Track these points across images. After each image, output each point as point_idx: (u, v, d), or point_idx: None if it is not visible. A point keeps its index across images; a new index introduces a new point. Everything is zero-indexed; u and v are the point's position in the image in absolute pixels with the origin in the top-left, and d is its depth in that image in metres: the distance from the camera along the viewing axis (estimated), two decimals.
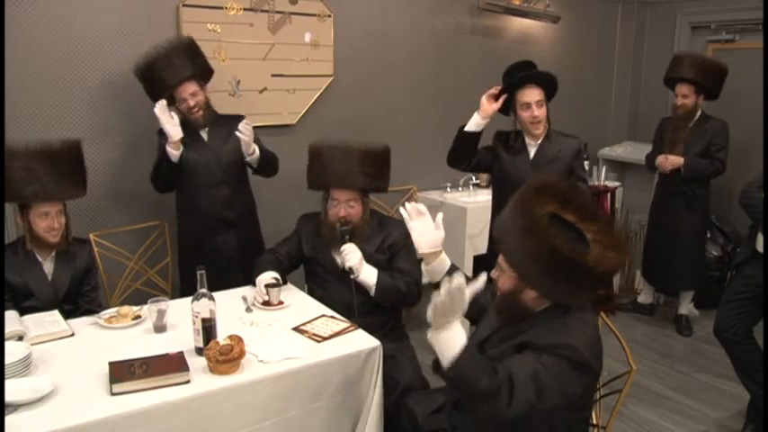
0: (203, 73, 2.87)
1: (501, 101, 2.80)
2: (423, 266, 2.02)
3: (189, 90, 2.78)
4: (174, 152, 2.72)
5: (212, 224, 2.89)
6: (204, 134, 2.89)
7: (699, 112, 3.82)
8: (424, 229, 1.95)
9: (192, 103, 2.78)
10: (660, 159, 3.87)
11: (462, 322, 1.54)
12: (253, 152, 2.84)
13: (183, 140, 2.75)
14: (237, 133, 2.73)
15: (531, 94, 2.79)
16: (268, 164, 2.96)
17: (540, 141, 2.89)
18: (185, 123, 2.82)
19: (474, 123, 2.81)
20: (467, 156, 2.92)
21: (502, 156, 2.96)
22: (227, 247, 2.92)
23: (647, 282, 4.29)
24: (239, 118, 2.90)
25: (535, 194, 1.63)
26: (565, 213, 1.62)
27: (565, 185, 1.67)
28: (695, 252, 3.97)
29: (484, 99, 2.78)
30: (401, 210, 1.98)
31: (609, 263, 1.57)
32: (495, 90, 2.79)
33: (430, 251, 1.95)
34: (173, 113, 2.69)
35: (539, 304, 1.67)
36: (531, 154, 2.91)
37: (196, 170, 2.84)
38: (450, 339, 1.49)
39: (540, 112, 2.79)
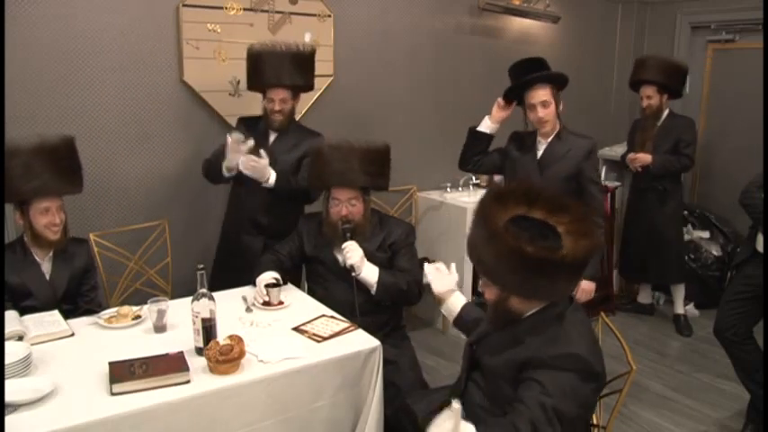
0: (304, 87, 2.93)
1: (511, 108, 2.88)
2: (441, 308, 2.18)
3: (280, 95, 2.83)
4: (225, 172, 2.80)
5: (246, 223, 2.93)
6: (272, 137, 2.92)
7: (666, 112, 3.97)
8: (440, 276, 2.15)
9: (277, 107, 2.84)
10: (629, 158, 4.03)
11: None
12: (267, 180, 2.81)
13: (253, 135, 2.82)
14: (243, 170, 2.75)
15: (536, 96, 2.78)
16: (285, 190, 2.87)
17: (549, 140, 2.87)
18: (259, 120, 2.92)
19: (484, 125, 2.92)
20: (474, 155, 2.97)
21: (513, 154, 2.98)
22: (251, 249, 2.92)
23: (624, 278, 4.40)
24: (315, 134, 2.93)
25: (494, 203, 1.64)
26: (533, 212, 1.63)
27: (526, 186, 1.70)
28: (674, 244, 4.05)
29: (495, 106, 2.89)
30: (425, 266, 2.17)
31: (580, 251, 1.56)
32: (501, 102, 2.88)
33: (445, 290, 2.13)
34: (244, 145, 2.72)
35: (527, 307, 1.67)
36: (540, 152, 2.91)
37: None
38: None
39: (544, 113, 2.77)
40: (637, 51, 5.17)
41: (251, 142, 2.72)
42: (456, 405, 1.39)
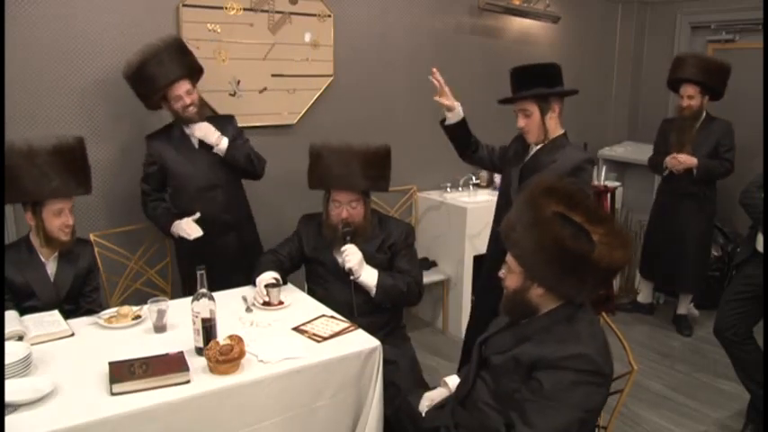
0: (194, 71, 2.84)
1: (446, 97, 2.77)
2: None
3: (183, 88, 2.74)
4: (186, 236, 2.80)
5: (211, 227, 2.87)
6: (194, 139, 2.86)
7: (704, 113, 3.81)
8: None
9: (188, 101, 2.76)
10: (670, 160, 3.81)
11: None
12: (218, 142, 2.81)
13: (174, 147, 2.83)
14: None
15: (518, 104, 2.57)
16: (238, 158, 2.85)
17: (537, 149, 2.61)
18: (170, 129, 2.85)
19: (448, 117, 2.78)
20: (463, 150, 2.84)
21: (509, 156, 2.80)
22: (228, 248, 2.92)
23: (646, 279, 4.30)
24: (229, 119, 2.91)
25: (544, 193, 1.67)
26: (572, 215, 1.65)
27: (572, 189, 1.72)
28: (701, 254, 3.97)
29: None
30: None
31: (615, 260, 1.60)
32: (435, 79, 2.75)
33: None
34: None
35: (545, 303, 1.69)
36: (526, 159, 2.67)
37: (187, 176, 2.84)
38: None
39: (524, 123, 2.54)
40: (637, 51, 5.18)
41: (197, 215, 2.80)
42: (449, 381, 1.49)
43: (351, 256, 2.42)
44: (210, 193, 2.86)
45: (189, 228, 2.78)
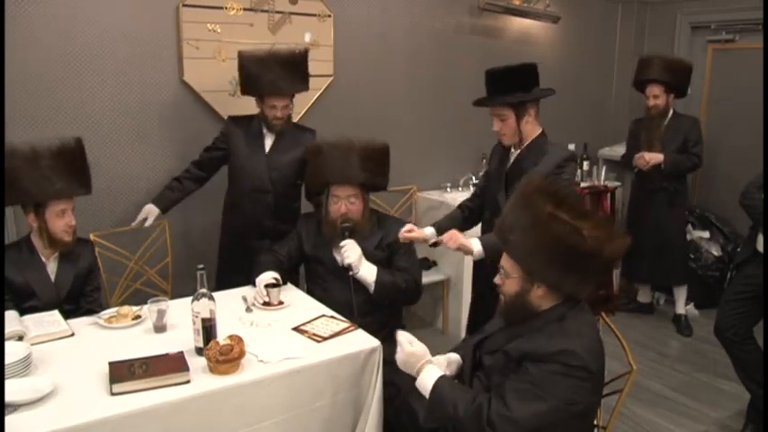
0: (304, 90, 2.93)
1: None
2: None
3: (283, 102, 2.82)
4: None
5: (250, 229, 2.92)
6: (268, 141, 2.91)
7: (671, 111, 3.95)
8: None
9: (280, 114, 2.83)
10: (637, 160, 3.97)
11: (437, 362, 1.81)
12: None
13: (246, 139, 2.88)
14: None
15: (493, 108, 2.50)
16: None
17: (518, 153, 2.53)
18: (251, 120, 2.91)
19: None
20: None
21: (491, 169, 2.74)
22: (258, 252, 2.90)
23: (628, 280, 4.37)
24: (311, 131, 2.97)
25: (536, 193, 1.68)
26: (560, 213, 1.65)
27: (557, 187, 1.74)
28: (680, 246, 4.05)
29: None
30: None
31: (614, 250, 1.62)
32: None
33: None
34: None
35: (544, 303, 1.70)
36: (508, 166, 2.57)
37: (246, 174, 2.89)
38: (422, 383, 1.75)
39: (497, 126, 2.50)
40: (637, 51, 5.17)
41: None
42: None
43: (350, 251, 2.42)
44: (262, 196, 2.89)
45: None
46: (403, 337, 1.82)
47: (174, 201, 2.96)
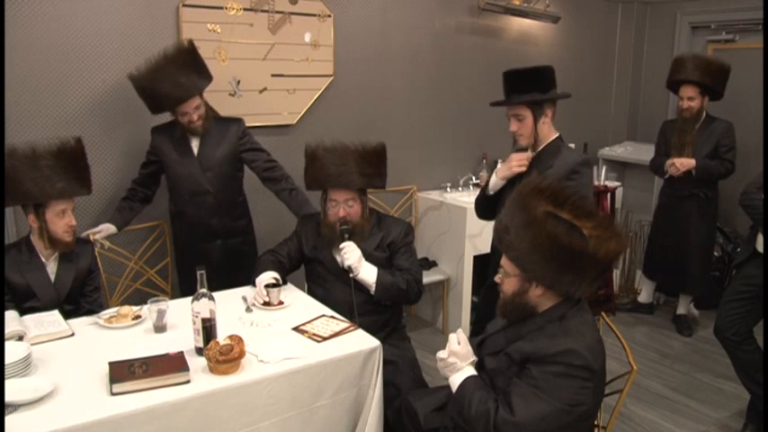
0: (205, 85, 2.84)
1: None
2: None
3: (193, 104, 2.76)
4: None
5: (198, 231, 2.91)
6: (195, 144, 2.87)
7: (704, 114, 3.80)
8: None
9: (195, 117, 2.78)
10: (669, 167, 3.79)
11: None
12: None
13: (173, 146, 2.84)
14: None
15: (511, 108, 2.51)
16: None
17: (534, 156, 2.50)
18: (173, 127, 2.85)
19: (492, 184, 2.57)
20: (486, 213, 2.71)
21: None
22: (211, 255, 2.92)
23: (649, 279, 4.28)
24: (236, 121, 2.92)
25: (532, 193, 1.69)
26: (560, 213, 1.66)
27: (558, 187, 1.73)
28: (704, 255, 3.95)
29: (506, 165, 2.50)
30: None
31: (610, 250, 1.62)
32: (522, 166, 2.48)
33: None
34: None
35: (543, 303, 1.70)
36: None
37: (181, 179, 2.87)
38: (454, 380, 1.79)
39: (517, 127, 2.49)
40: (637, 51, 5.18)
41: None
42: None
43: (349, 253, 2.42)
44: (202, 198, 2.88)
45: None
46: (454, 335, 1.83)
47: (126, 221, 2.94)
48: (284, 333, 2.15)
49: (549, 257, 1.60)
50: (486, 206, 2.67)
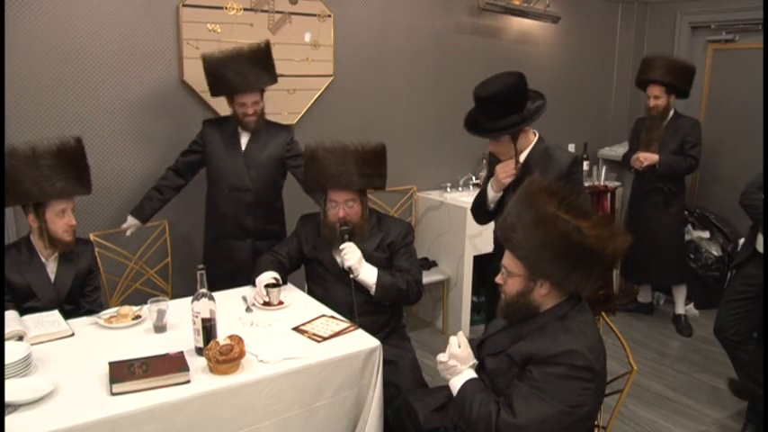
0: (271, 84, 2.92)
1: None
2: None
3: (252, 99, 2.83)
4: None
5: (231, 228, 2.94)
6: (244, 139, 2.92)
7: (671, 112, 3.94)
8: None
9: (250, 111, 2.84)
10: (635, 157, 3.97)
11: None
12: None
13: (222, 139, 2.89)
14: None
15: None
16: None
17: (522, 162, 2.45)
18: (226, 121, 2.92)
19: (491, 198, 2.54)
20: (484, 218, 2.69)
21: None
22: (241, 253, 2.94)
23: (626, 280, 4.37)
24: (286, 128, 3.00)
25: (539, 192, 1.69)
26: (561, 212, 1.67)
27: (558, 186, 1.75)
28: (676, 246, 4.05)
29: (494, 178, 2.48)
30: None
31: (618, 246, 1.63)
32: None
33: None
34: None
35: (546, 302, 1.70)
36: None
37: (224, 173, 2.90)
38: (455, 383, 1.79)
39: (493, 148, 2.47)
40: (637, 51, 5.18)
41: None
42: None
43: (349, 254, 2.41)
44: (241, 194, 2.90)
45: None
46: (455, 338, 1.83)
47: (154, 211, 2.97)
48: (284, 333, 2.15)
49: (559, 255, 1.61)
50: (486, 213, 2.66)
